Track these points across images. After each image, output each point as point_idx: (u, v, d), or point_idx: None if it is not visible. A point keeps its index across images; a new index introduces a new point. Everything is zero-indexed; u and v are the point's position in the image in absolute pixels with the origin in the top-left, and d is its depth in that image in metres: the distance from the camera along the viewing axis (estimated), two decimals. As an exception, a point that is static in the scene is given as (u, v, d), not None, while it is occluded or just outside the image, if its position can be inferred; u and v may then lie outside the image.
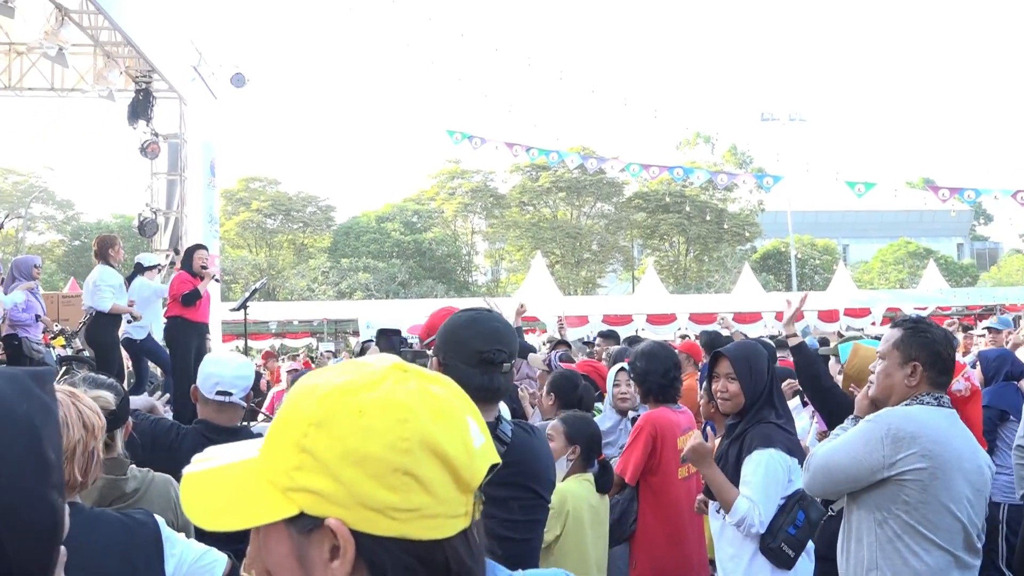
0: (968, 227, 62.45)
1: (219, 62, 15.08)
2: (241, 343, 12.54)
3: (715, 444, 3.49)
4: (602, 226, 44.19)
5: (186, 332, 8.23)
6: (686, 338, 11.02)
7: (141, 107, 13.37)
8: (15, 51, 14.15)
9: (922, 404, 2.58)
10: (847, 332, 20.02)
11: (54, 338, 9.77)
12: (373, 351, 6.19)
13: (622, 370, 4.48)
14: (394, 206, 46.17)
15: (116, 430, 2.29)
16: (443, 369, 2.10)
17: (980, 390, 4.10)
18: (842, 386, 3.66)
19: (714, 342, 7.24)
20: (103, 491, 2.27)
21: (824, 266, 46.23)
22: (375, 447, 0.80)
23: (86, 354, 9.36)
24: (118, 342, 8.29)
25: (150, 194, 14.44)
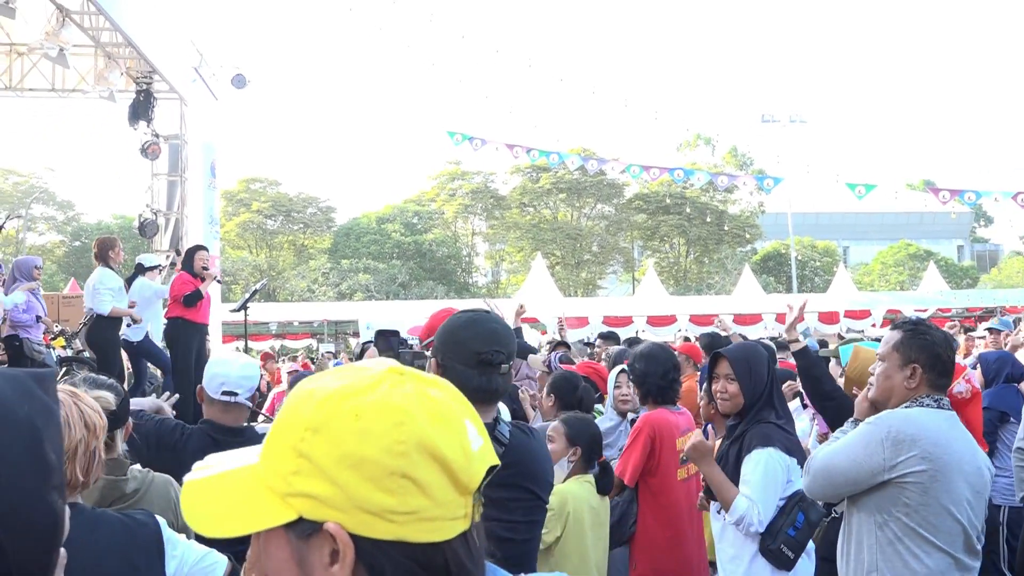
0: (968, 229, 62.46)
1: (220, 63, 15.10)
2: (241, 344, 12.53)
3: (715, 444, 3.49)
4: (602, 227, 44.20)
5: (187, 333, 8.23)
6: (687, 340, 11.00)
7: (142, 108, 13.37)
8: (16, 52, 14.14)
9: (922, 406, 2.57)
10: (847, 334, 20.02)
11: (54, 339, 9.76)
12: (371, 352, 6.19)
13: (623, 372, 4.48)
14: (394, 207, 46.19)
15: (116, 430, 2.28)
16: (441, 370, 2.10)
17: (980, 392, 4.10)
18: (844, 389, 3.66)
19: (714, 343, 7.24)
20: (103, 491, 2.27)
21: (824, 268, 46.23)
22: (372, 450, 0.80)
23: (86, 355, 9.36)
24: (119, 343, 8.29)
25: (150, 195, 14.43)
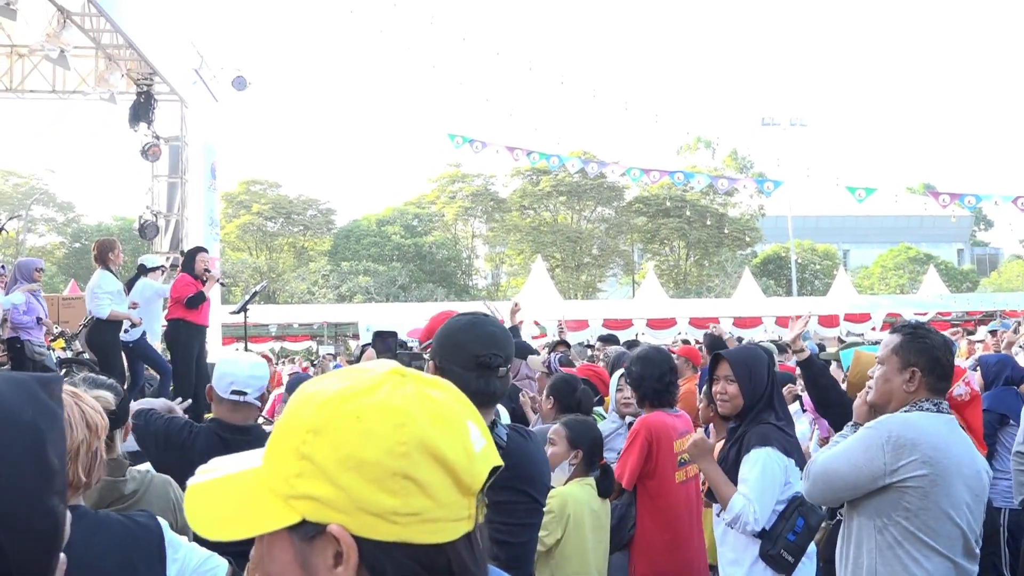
0: (968, 233, 62.49)
1: (220, 65, 15.12)
2: (241, 346, 12.53)
3: (715, 445, 3.49)
4: (602, 230, 44.19)
5: (188, 334, 8.23)
6: (685, 342, 11.00)
7: (142, 110, 13.38)
8: (17, 53, 14.14)
9: (921, 410, 2.57)
10: (847, 337, 20.05)
11: (54, 340, 9.76)
12: (370, 354, 6.19)
13: (624, 375, 4.48)
14: (395, 209, 46.18)
15: (116, 431, 2.28)
16: (440, 373, 2.10)
17: (979, 394, 4.10)
18: (849, 395, 3.65)
19: (716, 344, 7.25)
20: (102, 492, 2.27)
21: (824, 271, 46.21)
22: (373, 452, 0.80)
23: (86, 357, 9.36)
24: (119, 345, 8.29)
25: (151, 197, 14.43)
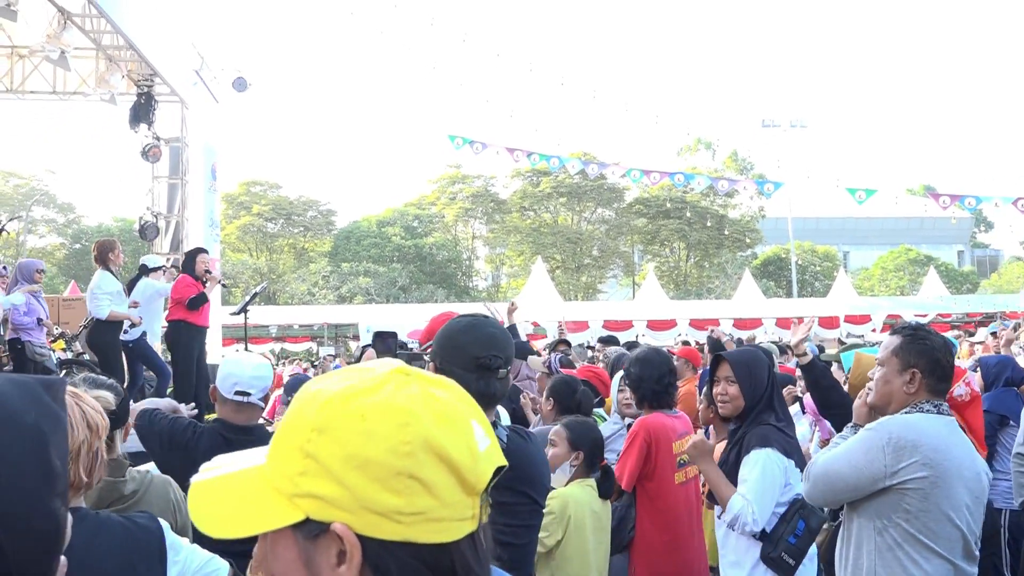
0: (969, 234, 62.50)
1: (221, 66, 15.13)
2: (241, 347, 12.54)
3: (715, 446, 3.49)
4: (603, 231, 44.18)
5: (189, 335, 8.24)
6: (685, 344, 11.00)
7: (143, 111, 13.37)
8: (17, 54, 14.14)
9: (922, 412, 2.57)
10: (847, 339, 20.04)
11: (54, 341, 9.77)
12: (370, 355, 6.19)
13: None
14: (395, 211, 46.17)
15: (116, 431, 2.28)
16: (439, 374, 2.10)
17: (980, 395, 4.10)
18: (850, 396, 3.66)
19: (718, 345, 7.27)
20: (101, 493, 2.27)
21: (825, 273, 46.21)
22: (377, 451, 0.80)
23: (86, 357, 9.37)
24: (120, 345, 8.29)
25: (151, 198, 14.43)
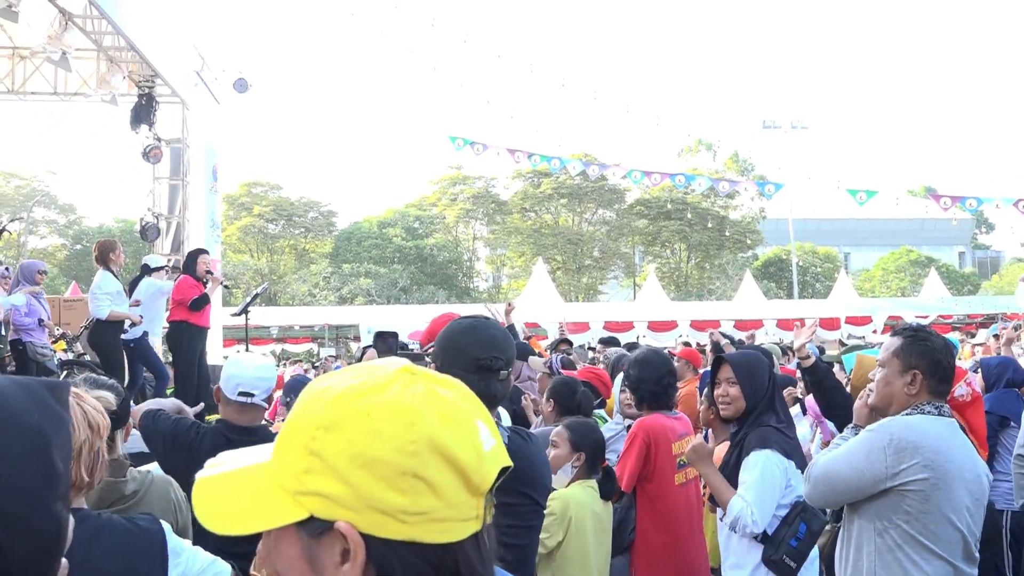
0: (970, 236, 62.45)
1: (222, 67, 15.15)
2: (242, 348, 12.53)
3: (714, 449, 3.49)
4: (603, 233, 44.16)
5: (190, 336, 8.25)
6: (686, 345, 11.00)
7: (144, 112, 13.38)
8: (18, 55, 14.16)
9: (923, 414, 2.57)
10: (848, 340, 20.03)
11: (55, 342, 9.78)
12: (371, 355, 6.20)
13: (625, 378, 4.48)
14: (396, 212, 46.16)
15: (116, 431, 2.29)
16: (441, 375, 2.10)
17: (981, 395, 4.10)
18: (854, 397, 3.66)
19: (719, 346, 7.27)
20: (102, 493, 2.27)
21: (825, 274, 46.17)
22: (383, 450, 0.80)
23: (87, 358, 9.38)
24: (121, 345, 8.31)
25: (152, 199, 14.45)
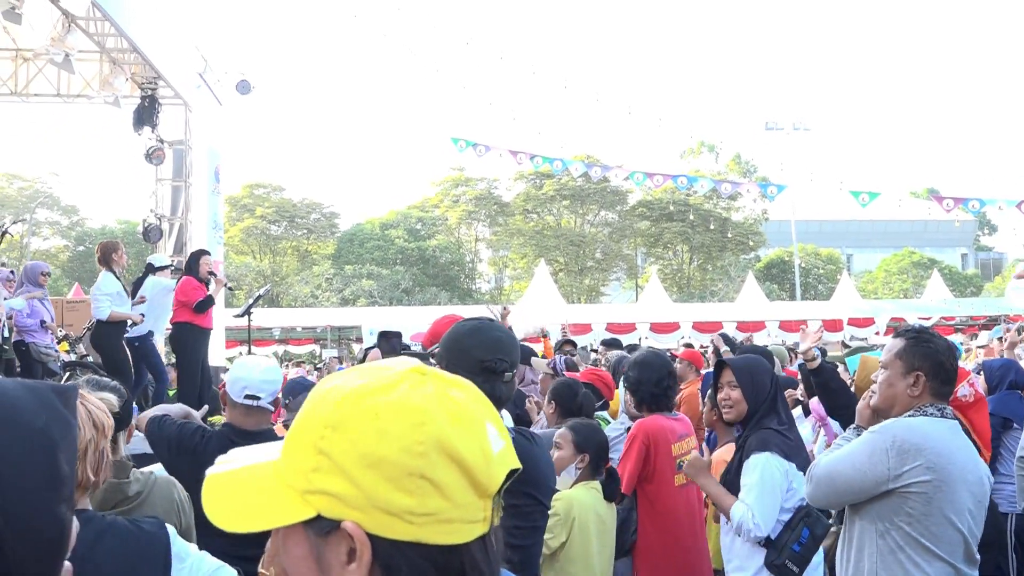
0: (972, 237, 62.37)
1: (224, 69, 15.18)
2: (244, 349, 12.54)
3: (711, 459, 3.51)
4: (606, 234, 44.14)
5: (194, 337, 8.25)
6: (688, 346, 11.01)
7: (146, 113, 13.41)
8: (22, 57, 14.20)
9: (925, 415, 2.57)
10: (851, 342, 20.02)
11: (58, 343, 9.80)
12: (375, 355, 6.20)
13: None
14: (398, 213, 46.17)
15: (119, 433, 2.29)
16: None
17: (984, 397, 4.09)
18: (859, 399, 3.66)
19: (718, 353, 7.28)
20: (106, 494, 2.27)
21: (828, 275, 46.11)
22: (390, 450, 0.79)
23: (89, 359, 9.40)
24: (123, 346, 8.32)
25: (155, 200, 14.48)
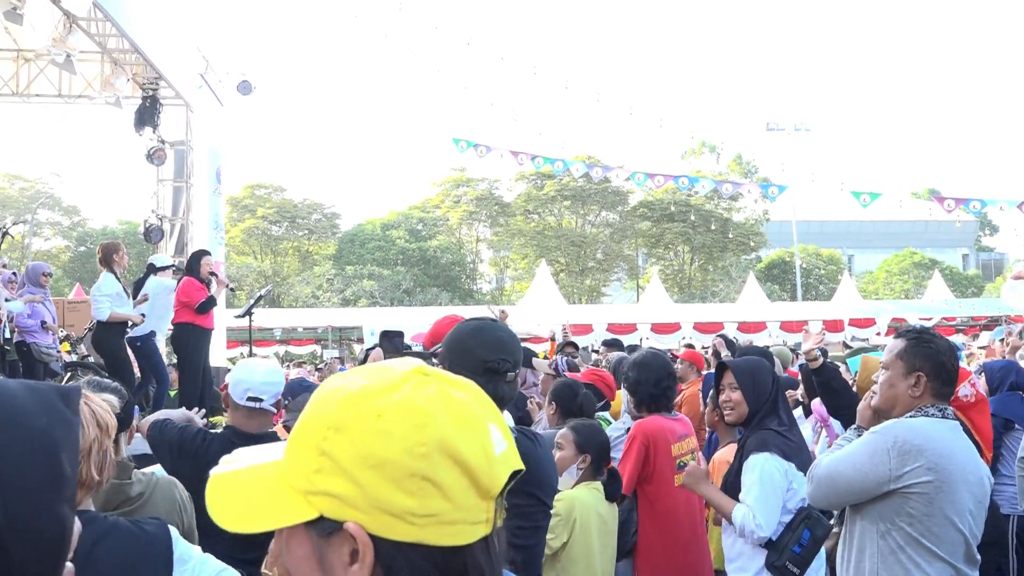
0: (973, 238, 62.33)
1: (226, 69, 15.17)
2: (246, 350, 12.55)
3: (706, 468, 3.53)
4: (607, 235, 44.12)
5: (196, 338, 8.26)
6: (689, 347, 10.99)
7: (148, 114, 13.42)
8: (23, 57, 14.21)
9: (926, 416, 2.57)
10: (852, 342, 20.00)
11: (60, 344, 9.80)
12: (376, 354, 6.20)
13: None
14: (399, 214, 46.16)
15: (120, 433, 2.29)
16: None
17: (985, 397, 4.09)
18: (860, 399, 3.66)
19: (727, 349, 7.30)
20: (108, 495, 2.27)
21: (829, 276, 46.08)
22: (392, 451, 0.79)
23: (90, 360, 9.40)
24: (124, 346, 8.33)
25: (156, 200, 14.49)
